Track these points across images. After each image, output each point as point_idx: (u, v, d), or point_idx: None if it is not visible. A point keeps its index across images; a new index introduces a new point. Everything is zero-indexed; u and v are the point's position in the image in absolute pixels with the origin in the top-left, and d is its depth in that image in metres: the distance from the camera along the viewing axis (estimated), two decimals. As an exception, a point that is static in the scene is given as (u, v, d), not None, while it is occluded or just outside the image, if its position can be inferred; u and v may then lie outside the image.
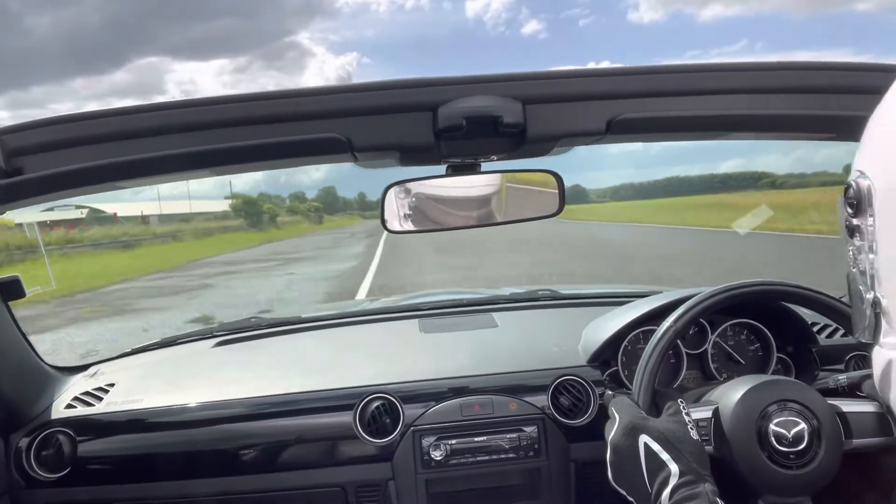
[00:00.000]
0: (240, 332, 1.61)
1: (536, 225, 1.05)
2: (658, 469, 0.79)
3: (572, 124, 0.80)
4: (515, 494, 1.23)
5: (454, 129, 0.77)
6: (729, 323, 1.27)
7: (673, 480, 0.77)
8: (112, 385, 1.35)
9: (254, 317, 1.72)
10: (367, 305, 2.02)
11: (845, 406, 0.86)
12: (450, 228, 1.01)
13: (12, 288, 1.20)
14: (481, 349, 1.42)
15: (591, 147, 0.92)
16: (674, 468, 0.78)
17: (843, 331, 1.21)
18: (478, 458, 1.20)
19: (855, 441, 0.84)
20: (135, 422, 1.25)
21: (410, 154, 0.84)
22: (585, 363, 1.30)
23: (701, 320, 1.24)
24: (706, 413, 0.88)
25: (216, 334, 1.61)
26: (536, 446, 1.21)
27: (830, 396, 0.88)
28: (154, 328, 7.20)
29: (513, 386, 1.26)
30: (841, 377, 0.94)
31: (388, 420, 1.22)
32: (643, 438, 0.82)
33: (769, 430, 0.83)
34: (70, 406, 1.29)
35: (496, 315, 1.59)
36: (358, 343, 1.54)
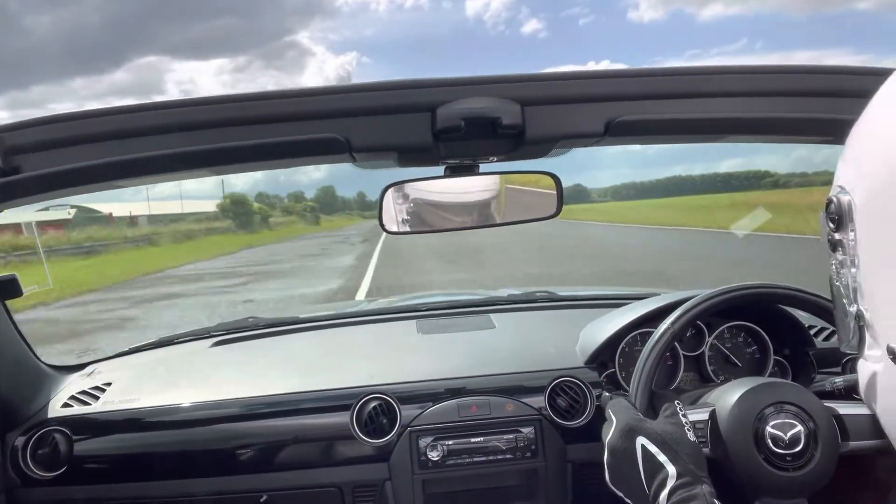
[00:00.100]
0: (237, 332, 1.61)
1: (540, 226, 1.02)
2: (655, 471, 0.79)
3: (571, 126, 0.80)
4: (512, 495, 1.23)
5: (453, 131, 0.77)
6: (726, 325, 1.27)
7: (671, 482, 0.77)
8: (109, 384, 1.35)
9: (251, 317, 1.72)
10: (365, 306, 2.02)
11: (842, 408, 0.86)
12: (448, 230, 1.01)
13: (9, 287, 1.19)
14: (479, 350, 1.42)
15: (592, 147, 0.92)
16: (671, 470, 0.78)
17: None
18: (475, 459, 1.20)
19: (851, 443, 0.84)
20: (131, 421, 1.25)
21: (409, 155, 0.84)
22: (583, 365, 1.30)
23: (698, 322, 1.24)
24: (703, 415, 0.88)
25: (213, 334, 1.61)
26: (533, 447, 1.21)
27: (827, 399, 0.88)
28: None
29: (510, 387, 1.26)
30: (838, 380, 0.94)
31: (385, 420, 1.22)
32: (640, 440, 0.83)
33: (766, 433, 0.83)
34: (66, 405, 1.28)
35: (494, 316, 1.59)
36: (355, 343, 1.54)
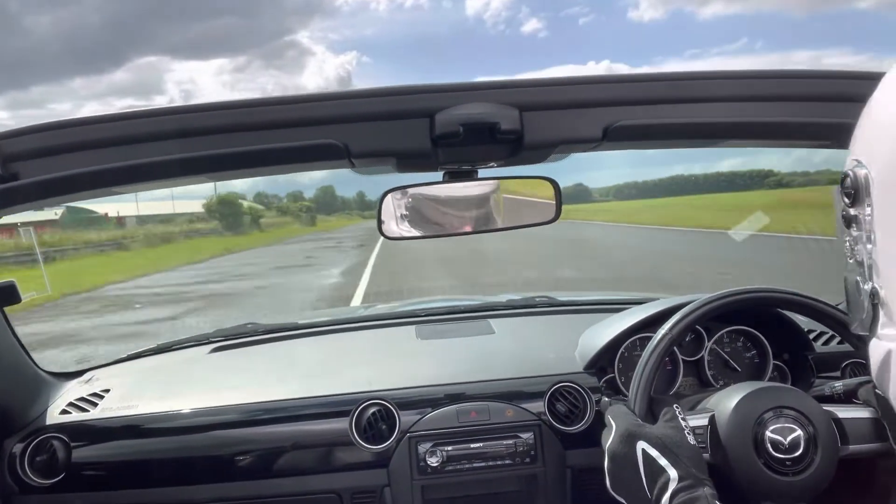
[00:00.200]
0: (235, 339, 1.61)
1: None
2: (657, 475, 0.79)
3: (569, 131, 0.80)
4: (512, 501, 1.23)
5: (451, 136, 0.77)
6: (725, 330, 1.27)
7: (672, 485, 0.77)
8: (107, 391, 1.34)
9: (249, 323, 1.72)
10: (364, 312, 2.02)
11: (841, 412, 0.86)
12: (446, 235, 1.01)
13: (8, 293, 1.19)
14: (478, 355, 1.42)
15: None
16: (673, 473, 0.78)
17: (840, 338, 1.22)
18: (474, 465, 1.20)
19: (851, 447, 0.84)
20: (129, 428, 1.24)
21: (407, 161, 0.84)
22: (582, 370, 1.29)
23: (697, 327, 1.24)
24: (702, 420, 0.88)
25: (212, 340, 1.61)
26: (533, 453, 1.21)
27: (826, 403, 0.88)
28: None
29: (509, 392, 1.26)
30: (837, 384, 0.94)
31: (385, 426, 1.21)
32: (641, 445, 0.82)
33: (765, 437, 0.83)
34: (65, 412, 1.28)
35: (493, 322, 1.59)
36: (354, 349, 1.54)
